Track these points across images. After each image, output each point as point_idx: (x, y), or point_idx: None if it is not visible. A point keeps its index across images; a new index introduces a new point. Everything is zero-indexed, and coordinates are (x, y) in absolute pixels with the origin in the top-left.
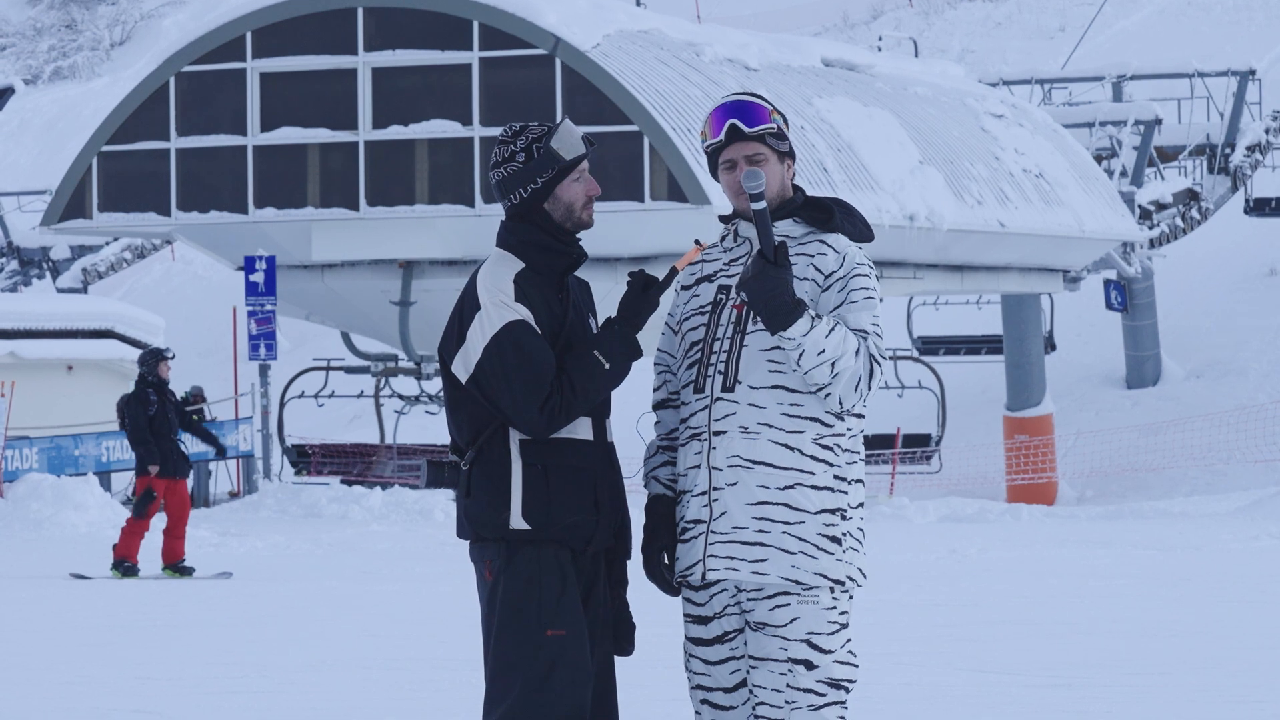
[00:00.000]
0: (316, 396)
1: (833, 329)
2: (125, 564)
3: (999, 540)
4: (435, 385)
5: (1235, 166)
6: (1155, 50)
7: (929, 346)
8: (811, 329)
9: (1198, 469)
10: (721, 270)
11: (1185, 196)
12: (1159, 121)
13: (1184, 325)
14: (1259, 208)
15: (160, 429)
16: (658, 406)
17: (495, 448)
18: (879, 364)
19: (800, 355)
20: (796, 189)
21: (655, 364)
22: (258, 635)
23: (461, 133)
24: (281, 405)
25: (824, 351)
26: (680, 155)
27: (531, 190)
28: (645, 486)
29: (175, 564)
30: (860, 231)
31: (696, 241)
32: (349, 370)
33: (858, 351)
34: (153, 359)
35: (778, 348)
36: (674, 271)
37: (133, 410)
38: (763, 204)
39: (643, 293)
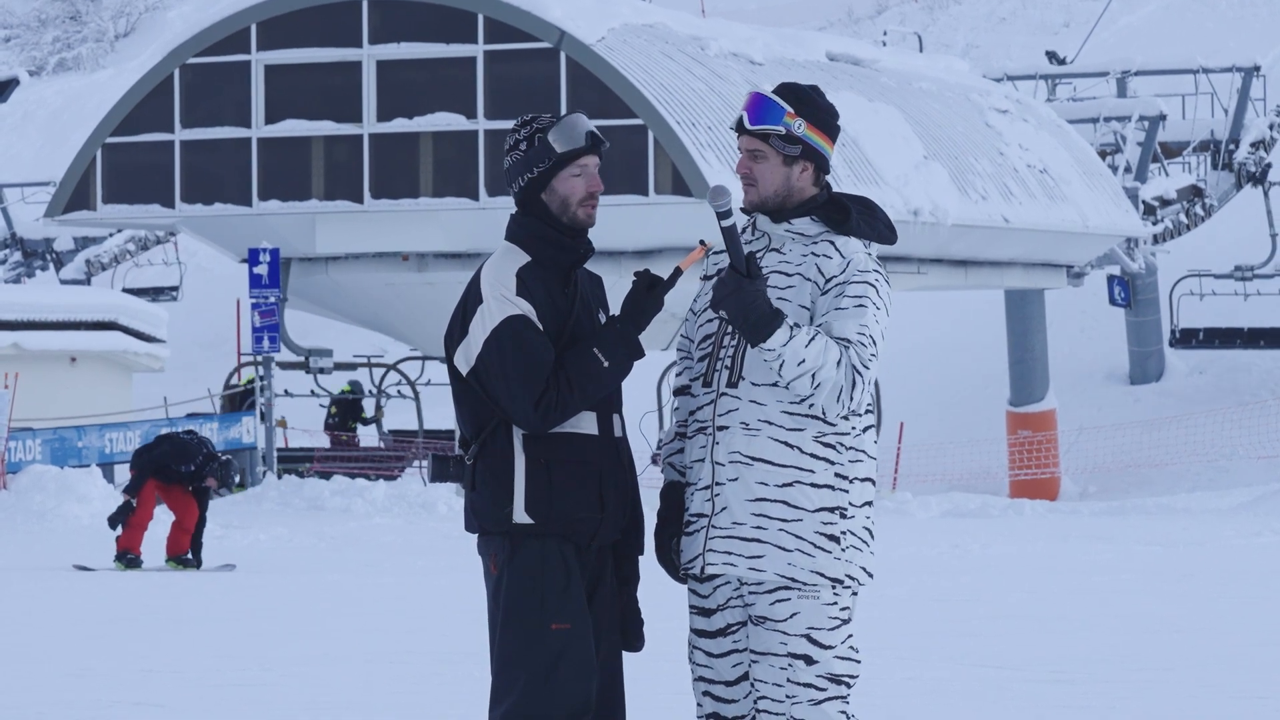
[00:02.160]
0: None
1: (813, 339)
2: (128, 556)
3: (1001, 535)
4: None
5: (1239, 163)
6: (1160, 46)
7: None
8: (790, 339)
9: (1200, 465)
10: None
11: (1189, 193)
12: (1163, 117)
13: (1187, 321)
14: (1185, 339)
15: (168, 472)
16: (678, 392)
17: (499, 442)
18: (860, 374)
19: (780, 365)
20: (825, 186)
21: (678, 350)
22: (260, 628)
23: (466, 126)
24: (379, 394)
25: (804, 362)
26: (684, 149)
27: (528, 180)
28: (662, 471)
29: (178, 556)
30: (880, 233)
31: (701, 241)
32: (283, 366)
33: (839, 362)
34: (222, 472)
35: None
36: (678, 272)
37: (167, 452)
38: (730, 221)
39: (647, 292)
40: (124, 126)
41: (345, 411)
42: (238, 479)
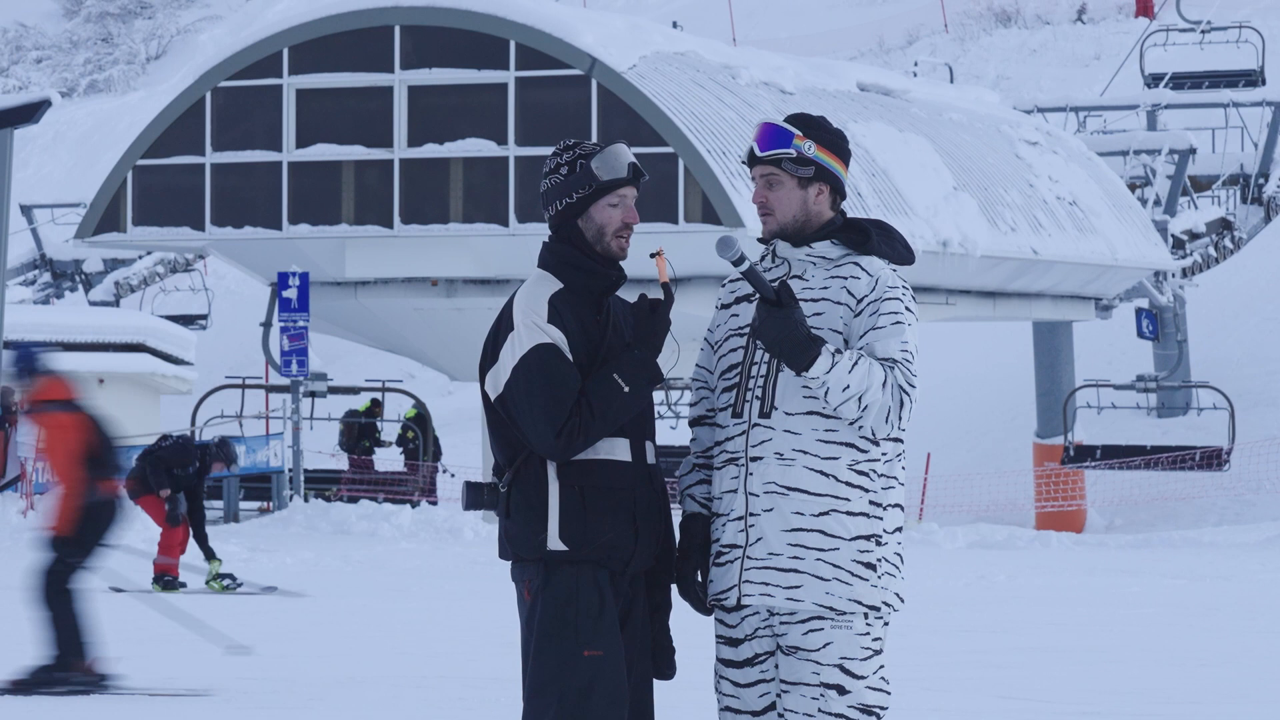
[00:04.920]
0: (238, 416)
1: (856, 363)
2: (166, 578)
3: (1028, 567)
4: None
5: (1269, 196)
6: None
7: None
8: (833, 366)
9: (1227, 499)
10: None
11: (1218, 226)
12: (1193, 151)
13: (1215, 355)
14: (1079, 458)
15: (171, 483)
16: (694, 423)
17: (533, 469)
18: (908, 393)
19: (826, 392)
20: (841, 212)
21: (693, 379)
22: (287, 651)
23: (496, 152)
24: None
25: (849, 387)
26: (715, 177)
27: (566, 205)
28: (680, 504)
29: (160, 576)
30: (899, 254)
31: (652, 255)
32: (271, 389)
33: (885, 384)
34: (222, 452)
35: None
36: (666, 288)
37: (169, 456)
38: (745, 265)
39: (652, 315)
40: (155, 149)
41: (357, 432)
42: (239, 457)
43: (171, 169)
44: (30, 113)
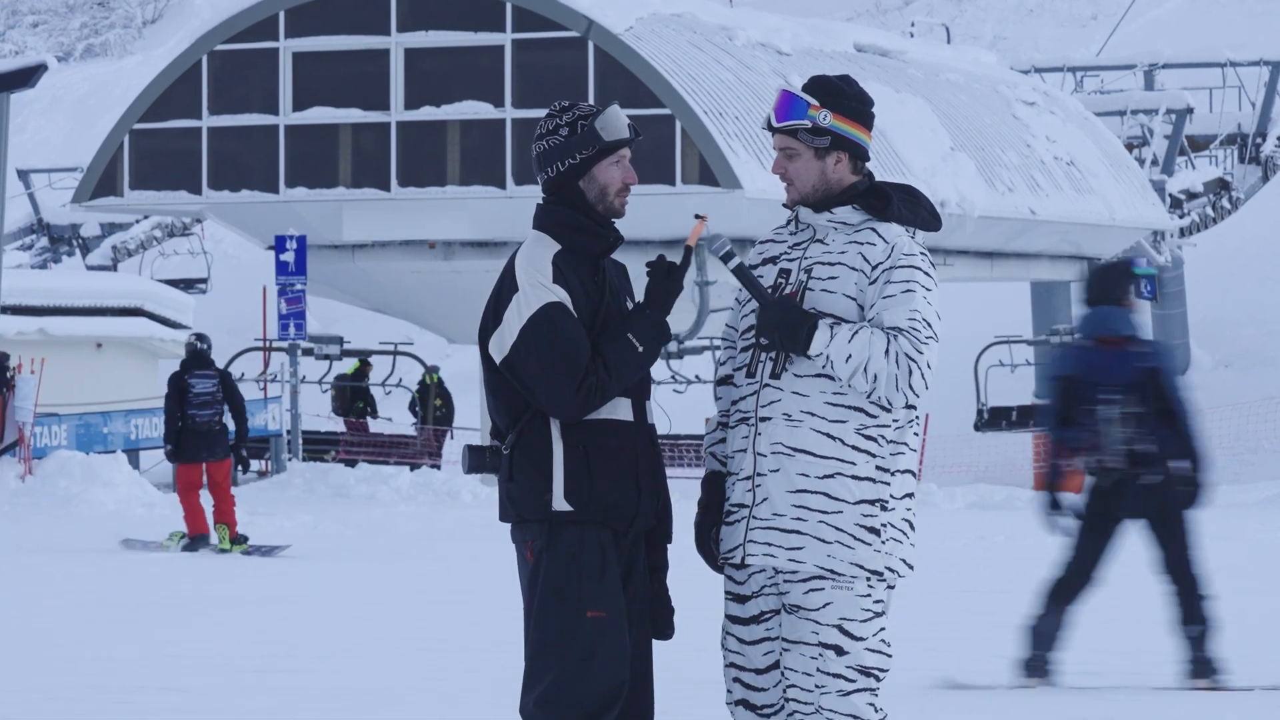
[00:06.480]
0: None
1: (856, 332)
2: (194, 537)
3: (1027, 528)
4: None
5: (1266, 156)
6: (1187, 39)
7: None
8: (833, 338)
9: (1225, 458)
10: (785, 254)
11: (1216, 186)
12: (1190, 110)
13: (1213, 315)
14: (994, 421)
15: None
16: (721, 383)
17: (536, 430)
18: (915, 360)
19: (832, 367)
20: (867, 174)
21: (723, 339)
22: (287, 614)
23: (493, 114)
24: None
25: (851, 357)
26: (712, 139)
27: (569, 165)
28: (703, 461)
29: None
30: (923, 219)
31: (697, 216)
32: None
33: (887, 351)
34: (208, 344)
35: None
36: (688, 250)
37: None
38: (734, 261)
39: (667, 277)
40: (151, 113)
41: (350, 395)
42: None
43: (168, 133)
44: (26, 77)
